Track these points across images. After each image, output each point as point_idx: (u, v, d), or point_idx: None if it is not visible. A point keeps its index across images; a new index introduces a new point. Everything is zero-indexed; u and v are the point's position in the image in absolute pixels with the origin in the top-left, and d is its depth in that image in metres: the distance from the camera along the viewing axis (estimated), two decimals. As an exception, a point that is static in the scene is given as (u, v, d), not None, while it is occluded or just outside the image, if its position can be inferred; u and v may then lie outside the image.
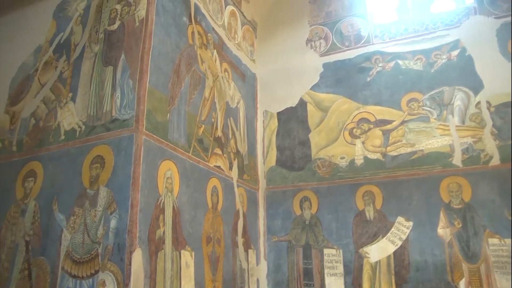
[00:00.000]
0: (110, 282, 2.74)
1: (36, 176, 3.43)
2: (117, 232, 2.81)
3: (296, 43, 5.69)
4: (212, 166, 4.09)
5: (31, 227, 3.27)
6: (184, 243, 3.38)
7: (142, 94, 3.15)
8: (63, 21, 4.05)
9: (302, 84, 5.44)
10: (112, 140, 3.10)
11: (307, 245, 4.74)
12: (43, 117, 3.68)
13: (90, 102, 3.39)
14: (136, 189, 2.87)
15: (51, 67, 3.87)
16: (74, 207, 3.08)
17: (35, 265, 3.13)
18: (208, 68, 4.30)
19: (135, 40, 3.39)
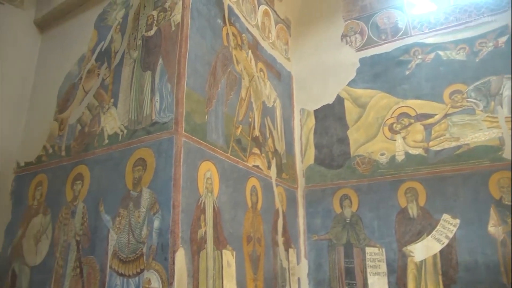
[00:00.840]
0: (155, 280, 2.81)
1: (84, 179, 3.60)
2: (160, 232, 2.88)
3: (331, 39, 5.60)
4: (250, 165, 4.11)
5: (81, 228, 3.44)
6: (225, 242, 3.41)
7: (180, 97, 3.21)
8: (104, 30, 4.21)
9: (338, 80, 5.35)
10: (153, 143, 3.18)
11: (348, 243, 4.66)
12: (88, 123, 3.85)
13: (131, 107, 3.51)
14: (177, 190, 2.93)
15: (94, 75, 4.05)
16: (119, 209, 3.20)
17: (86, 263, 3.28)
18: (243, 69, 4.32)
19: (172, 44, 3.46)
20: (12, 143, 4.45)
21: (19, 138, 4.52)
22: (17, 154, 4.46)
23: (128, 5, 4.10)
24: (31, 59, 4.86)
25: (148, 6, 3.87)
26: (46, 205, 3.87)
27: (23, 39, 4.84)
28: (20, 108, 4.61)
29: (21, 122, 4.59)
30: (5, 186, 4.31)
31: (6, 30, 4.66)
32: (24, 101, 4.67)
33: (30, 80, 4.79)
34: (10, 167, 4.39)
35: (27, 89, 4.74)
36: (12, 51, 4.67)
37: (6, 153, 4.38)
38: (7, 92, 4.52)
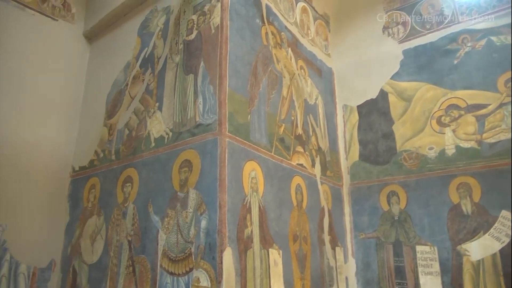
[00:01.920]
0: (204, 279, 2.86)
1: (133, 182, 3.74)
2: (207, 232, 2.93)
3: (371, 32, 5.44)
4: (294, 164, 4.08)
5: (132, 228, 3.57)
6: (272, 241, 3.41)
7: (223, 98, 3.25)
8: (147, 37, 4.35)
9: (381, 74, 5.18)
10: (198, 145, 3.24)
11: (397, 242, 4.50)
12: (135, 127, 4.00)
13: (175, 110, 3.60)
14: (223, 190, 2.96)
15: (139, 81, 4.19)
16: (167, 209, 3.29)
17: (138, 262, 3.41)
18: (284, 67, 4.30)
19: (212, 47, 3.51)
20: (67, 149, 4.73)
21: (73, 144, 4.80)
22: (72, 159, 4.73)
23: (168, 11, 4.20)
24: (81, 69, 5.13)
25: (188, 11, 3.95)
26: (100, 207, 4.06)
27: (74, 50, 5.12)
28: (73, 116, 4.88)
29: (75, 129, 4.86)
30: (63, 190, 4.59)
31: (59, 44, 4.96)
32: (76, 109, 4.94)
33: (81, 89, 5.06)
34: (66, 171, 4.67)
35: (79, 98, 5.01)
36: (64, 63, 4.96)
37: (62, 158, 4.66)
38: (61, 101, 4.80)
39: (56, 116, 4.71)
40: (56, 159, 4.59)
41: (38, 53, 4.69)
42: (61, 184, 4.57)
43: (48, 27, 4.89)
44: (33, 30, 4.71)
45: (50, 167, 4.51)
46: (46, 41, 4.81)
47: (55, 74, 4.82)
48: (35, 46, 4.68)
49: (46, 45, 4.79)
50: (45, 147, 4.51)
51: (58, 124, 4.70)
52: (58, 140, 4.65)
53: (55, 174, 4.55)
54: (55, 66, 4.83)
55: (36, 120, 4.49)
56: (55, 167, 4.57)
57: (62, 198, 4.55)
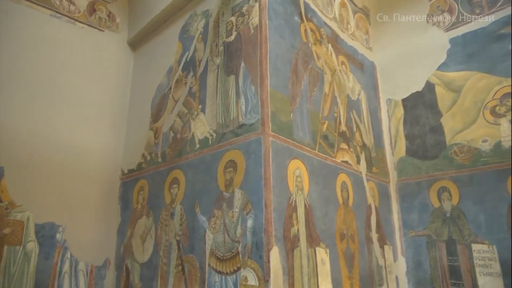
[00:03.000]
0: (251, 278, 2.87)
1: (179, 183, 3.83)
2: (254, 231, 2.94)
3: (415, 22, 5.22)
4: (339, 161, 4.01)
5: (180, 228, 3.66)
6: (318, 240, 3.37)
7: (265, 98, 3.25)
8: (187, 41, 4.45)
9: (426, 65, 4.96)
10: (242, 145, 3.27)
11: (451, 240, 4.29)
12: (180, 130, 4.09)
13: (218, 111, 3.65)
14: (268, 190, 2.96)
15: (181, 84, 4.29)
16: (214, 209, 3.34)
17: (186, 262, 3.49)
18: (325, 64, 4.24)
19: (252, 47, 3.52)
20: (116, 153, 4.94)
21: (122, 148, 5.01)
22: (121, 162, 4.94)
23: (207, 14, 4.27)
24: (127, 76, 5.35)
25: (227, 13, 3.99)
26: (148, 208, 4.20)
27: (120, 58, 5.35)
28: (121, 121, 5.10)
29: (123, 134, 5.07)
30: (114, 192, 4.80)
31: (106, 53, 5.20)
32: (123, 115, 5.15)
33: (127, 95, 5.28)
34: (116, 174, 4.88)
35: (125, 104, 5.22)
36: (111, 70, 5.19)
37: (112, 162, 4.88)
38: (110, 107, 5.03)
39: (106, 121, 4.95)
40: (107, 163, 4.82)
41: (88, 63, 4.95)
42: (112, 187, 4.80)
43: (96, 38, 5.14)
44: (82, 41, 4.97)
45: (102, 171, 4.75)
46: (94, 51, 5.06)
47: (104, 81, 5.06)
48: (85, 56, 4.94)
49: (94, 54, 5.04)
50: (96, 152, 4.75)
51: (108, 130, 4.93)
52: (108, 145, 4.88)
53: (106, 177, 4.77)
54: (103, 74, 5.08)
55: (87, 126, 4.74)
56: (106, 170, 4.80)
57: (113, 200, 4.77)
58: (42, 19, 4.67)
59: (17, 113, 4.19)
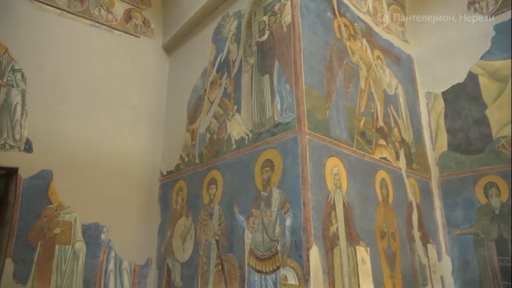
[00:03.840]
0: (291, 277, 2.87)
1: (217, 183, 3.88)
2: (293, 230, 2.93)
3: (454, 11, 4.97)
4: (377, 158, 3.92)
5: (219, 228, 3.71)
6: (358, 238, 3.31)
7: (300, 96, 3.23)
8: (221, 42, 4.49)
9: (468, 55, 4.73)
10: (278, 144, 3.26)
11: (501, 238, 4.06)
12: (216, 131, 4.15)
13: (253, 111, 3.66)
14: (306, 188, 2.94)
15: (216, 85, 4.35)
16: (252, 209, 3.36)
17: (226, 261, 3.53)
18: (360, 59, 4.15)
19: (286, 45, 3.51)
20: (155, 155, 5.09)
21: (160, 150, 5.14)
22: (160, 164, 5.07)
23: (240, 15, 4.30)
24: (163, 79, 5.49)
25: (259, 13, 3.99)
26: (188, 208, 4.28)
27: (155, 63, 5.50)
28: (158, 124, 5.25)
29: (160, 136, 5.21)
30: (154, 193, 4.94)
31: (142, 58, 5.36)
32: (160, 118, 5.29)
33: (164, 98, 5.41)
34: (155, 176, 5.02)
35: (162, 107, 5.36)
36: (148, 75, 5.34)
37: (151, 164, 5.02)
38: (147, 112, 5.18)
39: (144, 125, 5.10)
40: (146, 165, 4.97)
41: (126, 69, 5.12)
42: (152, 188, 4.94)
43: (133, 44, 5.31)
44: (120, 48, 5.16)
45: (142, 173, 4.90)
46: (131, 56, 5.23)
47: (141, 86, 5.22)
48: (123, 62, 5.11)
49: (132, 60, 5.21)
50: (136, 155, 4.91)
51: (146, 133, 5.09)
52: (147, 147, 5.03)
53: (146, 179, 4.93)
54: (140, 78, 5.24)
55: (127, 130, 4.91)
56: (146, 172, 4.95)
57: (153, 201, 4.91)
58: (83, 29, 4.88)
59: (63, 120, 4.41)
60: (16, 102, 4.17)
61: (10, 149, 4.02)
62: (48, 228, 4.03)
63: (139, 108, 5.10)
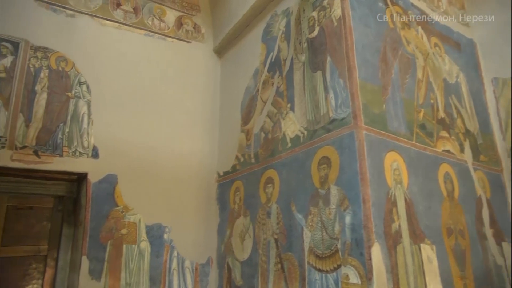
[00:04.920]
0: (353, 276, 2.81)
1: (274, 182, 3.90)
2: (353, 228, 2.87)
3: (519, -12, 4.62)
4: (440, 151, 3.72)
5: (277, 227, 3.72)
6: (423, 236, 3.17)
7: (355, 90, 3.15)
8: (271, 42, 4.51)
9: (540, 34, 4.36)
10: (334, 140, 3.21)
11: None
12: (270, 130, 4.16)
13: (307, 108, 3.63)
14: (365, 185, 2.87)
15: (268, 85, 4.37)
16: (310, 207, 3.33)
17: (285, 259, 3.53)
18: (416, 48, 3.97)
19: (337, 40, 3.45)
20: (212, 157, 5.22)
21: (216, 151, 5.26)
22: (216, 165, 5.19)
23: (288, 13, 4.28)
24: (215, 82, 5.61)
25: (307, 9, 3.96)
26: (245, 208, 4.34)
27: (208, 66, 5.63)
28: (213, 126, 5.37)
29: (216, 138, 5.32)
30: (212, 194, 5.06)
31: (195, 62, 5.52)
32: (215, 120, 5.41)
33: (217, 100, 5.53)
34: (213, 177, 5.15)
35: (216, 109, 5.48)
36: (201, 79, 5.49)
37: (209, 166, 5.15)
38: (202, 115, 5.33)
39: (200, 127, 5.25)
40: (203, 167, 5.11)
41: (180, 74, 5.30)
42: (210, 189, 5.07)
43: (185, 50, 5.49)
44: (173, 54, 5.35)
45: (199, 174, 5.05)
46: (184, 62, 5.40)
47: (195, 89, 5.38)
48: (177, 67, 5.30)
49: (184, 65, 5.39)
50: (193, 157, 5.06)
51: (202, 135, 5.23)
52: (203, 149, 5.18)
53: (204, 180, 5.06)
54: (194, 82, 5.40)
55: (184, 133, 5.08)
56: (204, 173, 5.09)
57: (211, 201, 5.03)
58: (139, 39, 5.13)
59: (125, 126, 4.66)
60: (83, 112, 4.48)
61: (80, 156, 4.32)
62: (116, 229, 4.29)
63: (194, 111, 5.26)
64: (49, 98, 4.33)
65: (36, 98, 4.26)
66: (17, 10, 4.38)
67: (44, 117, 4.24)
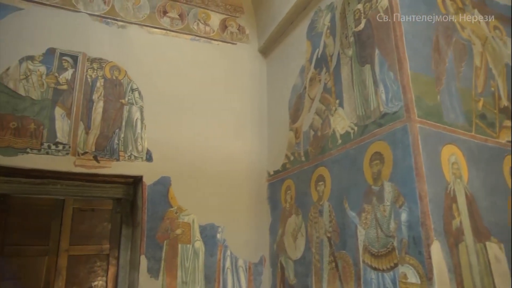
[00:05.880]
0: (411, 275, 2.70)
1: (325, 180, 3.85)
2: (409, 225, 2.76)
3: None
4: (503, 142, 3.46)
5: (330, 225, 3.67)
6: (488, 233, 2.97)
7: (406, 82, 3.03)
8: (316, 38, 4.45)
9: None
10: (386, 135, 3.11)
11: None
12: (319, 127, 4.11)
13: (356, 104, 3.55)
14: (421, 180, 2.75)
15: (315, 82, 4.31)
16: (363, 204, 3.25)
17: (339, 258, 3.47)
18: (472, 33, 3.73)
19: (385, 31, 3.33)
20: (261, 156, 5.25)
21: (265, 151, 5.28)
22: (266, 164, 5.21)
23: (332, 8, 4.20)
24: (262, 82, 5.64)
25: (352, 2, 3.86)
26: (297, 206, 4.32)
27: (253, 66, 5.67)
28: (261, 126, 5.40)
29: (265, 137, 5.35)
30: (263, 193, 5.10)
31: (241, 63, 5.59)
32: (263, 119, 5.44)
33: (265, 100, 5.55)
34: (263, 177, 5.18)
35: (264, 108, 5.50)
36: (247, 79, 5.55)
37: (258, 165, 5.19)
38: (250, 115, 5.38)
39: (248, 128, 5.31)
40: (253, 167, 5.16)
41: (226, 75, 5.40)
42: (260, 189, 5.10)
43: (230, 51, 5.57)
44: (219, 57, 5.45)
45: (249, 174, 5.11)
46: (230, 63, 5.49)
47: (242, 90, 5.44)
48: (223, 69, 5.40)
49: (231, 67, 5.47)
50: (243, 157, 5.13)
51: (251, 135, 5.28)
52: (252, 149, 5.22)
53: (254, 180, 5.11)
54: (240, 83, 5.47)
55: (233, 134, 5.16)
56: (254, 173, 5.13)
57: (262, 201, 5.07)
58: (185, 44, 5.29)
59: (176, 130, 4.83)
60: (136, 118, 4.70)
61: (135, 159, 4.54)
62: (171, 229, 4.45)
63: (242, 112, 5.33)
64: (105, 106, 4.59)
65: (93, 106, 4.53)
66: (74, 26, 4.69)
67: (102, 124, 4.51)
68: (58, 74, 4.45)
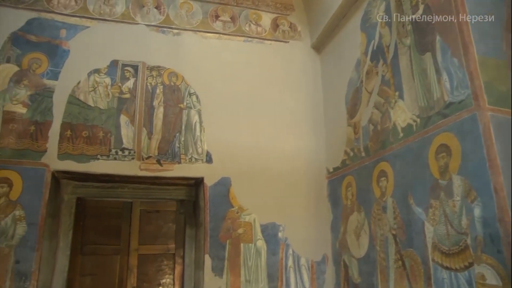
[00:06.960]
0: (490, 276, 2.51)
1: (387, 175, 3.71)
2: (484, 222, 2.56)
3: None
4: None
5: (394, 222, 3.53)
6: None
7: (473, 68, 2.81)
8: (370, 29, 4.30)
9: None
10: (452, 126, 2.92)
11: None
12: (379, 121, 3.97)
13: (418, 95, 3.37)
14: (496, 173, 2.54)
15: (372, 74, 4.17)
16: (430, 199, 3.08)
17: (406, 256, 3.33)
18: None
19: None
20: (320, 154, 5.18)
21: (323, 148, 5.21)
22: (325, 161, 5.14)
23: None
24: (316, 78, 5.56)
25: (408, -12, 3.67)
26: (358, 203, 4.22)
27: (307, 63, 5.62)
28: (318, 123, 5.33)
29: (322, 134, 5.28)
30: (322, 191, 5.04)
31: (294, 61, 5.56)
32: (319, 116, 5.37)
33: (320, 96, 5.47)
34: (322, 174, 5.11)
35: (320, 105, 5.43)
36: (301, 76, 5.51)
37: (317, 163, 5.13)
38: (306, 112, 5.34)
39: (304, 125, 5.26)
40: (312, 164, 5.11)
41: (280, 74, 5.40)
42: (320, 186, 5.05)
43: (283, 50, 5.57)
44: (273, 56, 5.47)
45: (308, 172, 5.06)
46: (284, 62, 5.48)
47: (296, 88, 5.41)
48: (277, 68, 5.41)
49: (284, 65, 5.47)
50: (301, 155, 5.10)
51: (308, 132, 5.24)
52: (310, 147, 5.17)
53: (313, 178, 5.06)
54: (295, 81, 5.44)
55: (290, 133, 5.14)
56: (312, 171, 5.09)
57: (322, 198, 5.01)
58: (239, 46, 5.38)
59: (234, 130, 4.93)
60: (195, 121, 4.87)
61: (196, 161, 4.71)
62: (232, 229, 4.55)
63: (297, 110, 5.30)
64: (165, 111, 4.81)
65: (154, 112, 4.77)
66: (134, 37, 4.98)
67: (163, 129, 4.73)
68: (121, 84, 4.75)
